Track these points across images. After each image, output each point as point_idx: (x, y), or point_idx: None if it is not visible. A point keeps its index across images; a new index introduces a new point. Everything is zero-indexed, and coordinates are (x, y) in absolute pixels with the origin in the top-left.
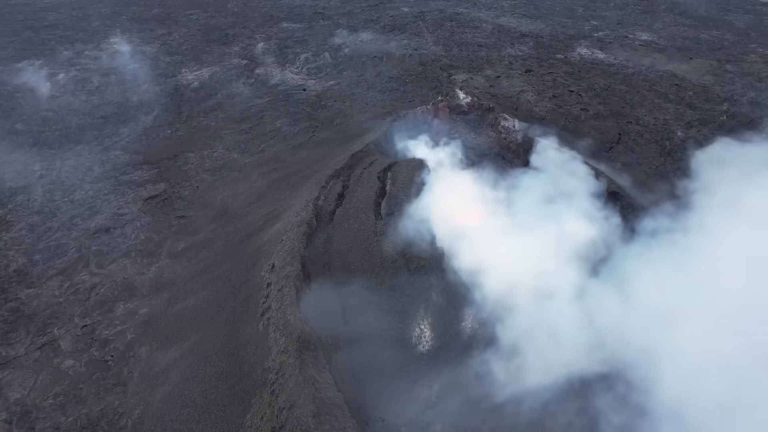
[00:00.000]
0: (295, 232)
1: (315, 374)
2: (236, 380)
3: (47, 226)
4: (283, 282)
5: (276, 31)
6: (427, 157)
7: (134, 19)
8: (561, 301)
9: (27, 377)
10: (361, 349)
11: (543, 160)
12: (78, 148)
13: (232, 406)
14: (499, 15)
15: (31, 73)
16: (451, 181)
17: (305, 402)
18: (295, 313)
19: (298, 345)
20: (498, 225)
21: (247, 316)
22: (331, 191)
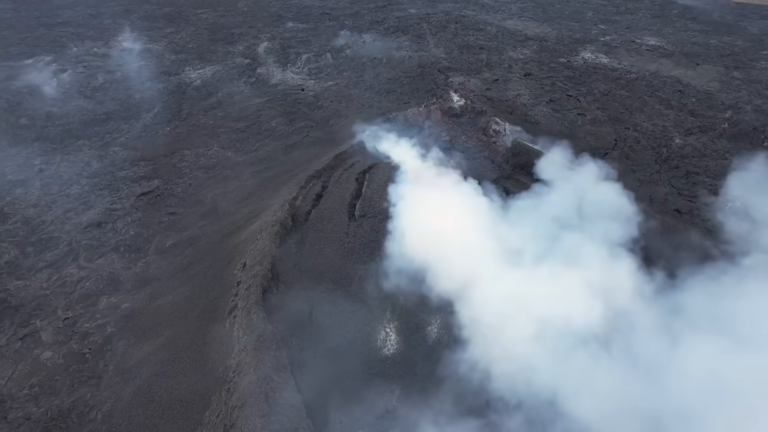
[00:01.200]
0: (268, 232)
1: (272, 374)
2: (200, 377)
3: (41, 219)
4: (251, 281)
5: (281, 31)
6: (408, 161)
7: (145, 17)
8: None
9: (6, 367)
10: (325, 351)
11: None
12: (79, 143)
13: (193, 403)
14: (506, 18)
15: (39, 69)
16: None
17: (256, 401)
18: (259, 312)
19: (257, 344)
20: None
21: (217, 313)
22: (310, 191)
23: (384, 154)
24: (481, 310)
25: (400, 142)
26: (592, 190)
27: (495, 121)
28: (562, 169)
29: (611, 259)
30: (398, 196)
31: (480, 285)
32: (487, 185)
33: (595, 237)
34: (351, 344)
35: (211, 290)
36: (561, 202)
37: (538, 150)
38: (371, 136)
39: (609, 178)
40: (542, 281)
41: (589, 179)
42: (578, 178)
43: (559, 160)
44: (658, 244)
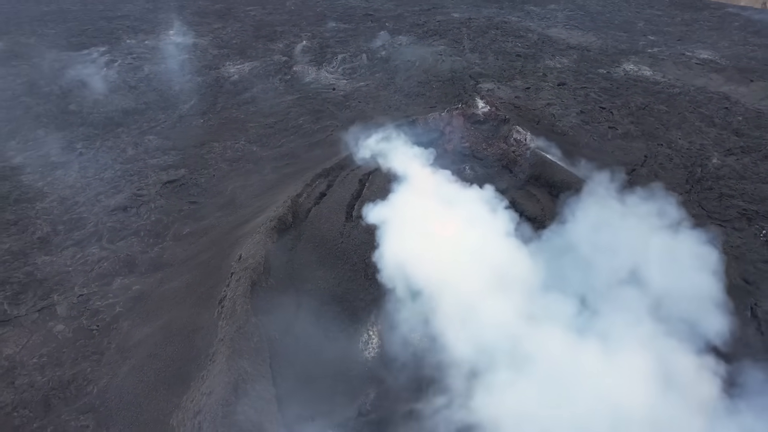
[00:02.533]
0: (266, 226)
1: (248, 365)
2: (185, 362)
3: (75, 200)
4: (242, 273)
5: (322, 31)
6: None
7: (197, 12)
8: None
9: (22, 336)
10: (308, 347)
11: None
12: (118, 130)
13: (175, 387)
14: (550, 26)
15: (93, 59)
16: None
17: (222, 390)
18: (243, 304)
19: (236, 335)
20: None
21: (210, 302)
22: (315, 190)
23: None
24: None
25: (411, 147)
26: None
27: (516, 130)
28: (609, 202)
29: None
30: (381, 220)
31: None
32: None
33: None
34: (333, 343)
35: (210, 279)
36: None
37: (555, 162)
38: (382, 139)
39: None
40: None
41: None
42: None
43: (603, 191)
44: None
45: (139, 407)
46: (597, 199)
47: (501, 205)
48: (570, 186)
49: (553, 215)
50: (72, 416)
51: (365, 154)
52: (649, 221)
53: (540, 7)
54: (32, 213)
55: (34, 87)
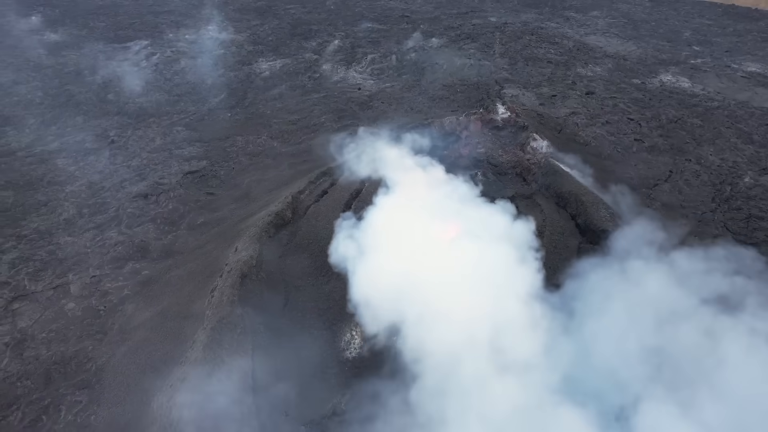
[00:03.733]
0: (263, 221)
1: (225, 356)
2: (172, 347)
3: (102, 185)
4: (234, 265)
5: (356, 31)
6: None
7: (239, 9)
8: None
9: (36, 311)
10: (290, 343)
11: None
12: (150, 120)
13: (161, 371)
14: (589, 33)
15: (136, 51)
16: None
17: (195, 378)
18: (230, 295)
19: (217, 325)
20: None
21: (203, 291)
22: (318, 187)
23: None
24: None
25: (413, 156)
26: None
27: (533, 138)
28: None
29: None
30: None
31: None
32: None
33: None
34: (315, 341)
35: (209, 269)
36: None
37: (567, 173)
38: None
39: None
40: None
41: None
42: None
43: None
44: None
45: (127, 388)
46: (634, 264)
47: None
48: (577, 197)
49: (554, 228)
50: (69, 391)
51: (356, 163)
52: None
53: (581, 14)
54: (62, 195)
55: (79, 76)
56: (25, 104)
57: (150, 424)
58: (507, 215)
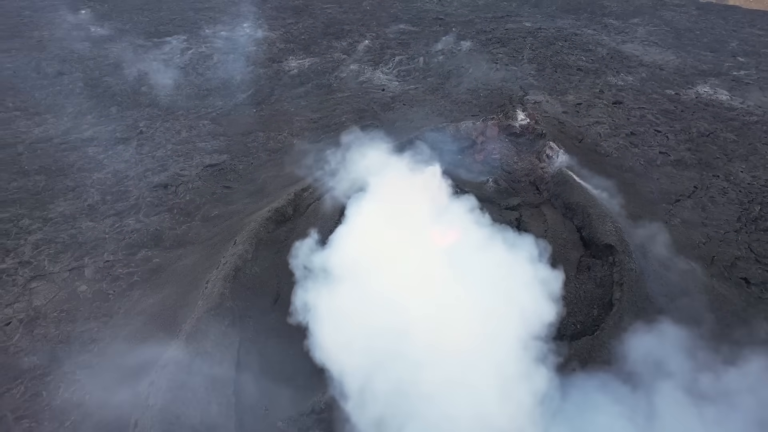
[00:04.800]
0: (262, 216)
1: (209, 347)
2: (164, 335)
3: (126, 173)
4: (229, 258)
5: (388, 32)
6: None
7: (276, 7)
8: None
9: (52, 291)
10: (276, 339)
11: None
12: (178, 113)
13: (152, 357)
14: (626, 41)
15: (172, 45)
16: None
17: (174, 367)
18: (221, 287)
19: (204, 315)
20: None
21: (201, 282)
22: (322, 186)
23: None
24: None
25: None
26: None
27: (550, 146)
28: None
29: None
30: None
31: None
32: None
33: None
34: (301, 338)
35: (210, 260)
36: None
37: (579, 183)
38: (405, 143)
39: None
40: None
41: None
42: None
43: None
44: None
45: (122, 372)
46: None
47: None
48: (584, 209)
49: (555, 240)
50: (70, 369)
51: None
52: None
53: (620, 21)
54: (89, 182)
55: (117, 69)
56: (66, 94)
57: (132, 407)
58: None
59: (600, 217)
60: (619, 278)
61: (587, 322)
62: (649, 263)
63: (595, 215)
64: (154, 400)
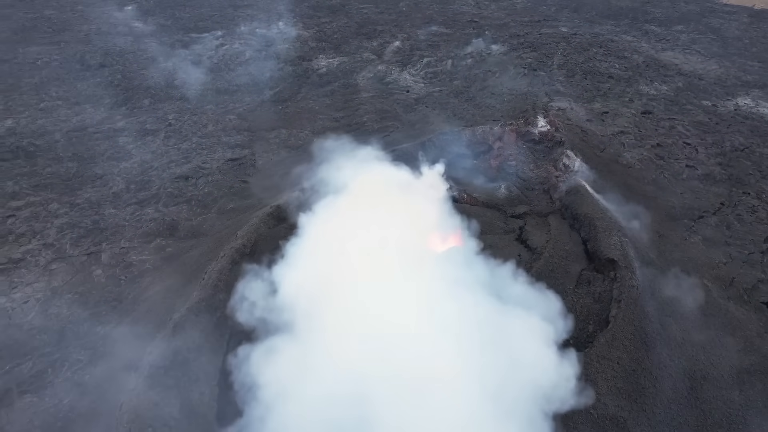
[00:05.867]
0: (264, 212)
1: (197, 337)
2: (161, 322)
3: (151, 164)
4: (227, 251)
5: (420, 33)
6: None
7: (313, 6)
8: None
9: (69, 273)
10: (264, 333)
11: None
12: (207, 107)
13: (147, 344)
14: (666, 49)
15: (208, 41)
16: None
17: (156, 355)
18: (215, 279)
19: (193, 305)
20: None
21: (201, 273)
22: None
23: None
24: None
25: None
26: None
27: (567, 155)
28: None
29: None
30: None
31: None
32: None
33: None
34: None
35: (214, 252)
36: None
37: (590, 194)
38: (418, 146)
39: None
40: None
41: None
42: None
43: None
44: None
45: (117, 356)
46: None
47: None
48: (592, 220)
49: (556, 251)
50: (75, 350)
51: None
52: None
53: (663, 28)
54: (116, 170)
55: (154, 62)
56: (105, 85)
57: (123, 391)
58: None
59: (607, 230)
60: (618, 294)
61: (581, 338)
62: (656, 281)
63: (602, 228)
64: (135, 385)
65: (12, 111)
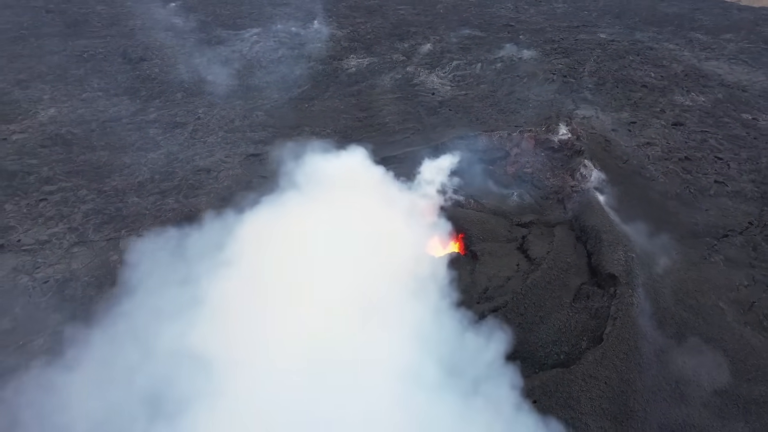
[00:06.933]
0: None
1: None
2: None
3: (177, 156)
4: None
5: (452, 36)
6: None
7: (351, 6)
8: None
9: (88, 257)
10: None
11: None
12: (236, 102)
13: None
14: (710, 58)
15: (244, 38)
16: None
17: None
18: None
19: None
20: None
21: None
22: None
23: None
24: None
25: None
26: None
27: (584, 165)
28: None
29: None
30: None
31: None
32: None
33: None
34: None
35: None
36: None
37: (600, 207)
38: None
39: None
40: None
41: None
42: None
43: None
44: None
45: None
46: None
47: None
48: (598, 233)
49: (555, 263)
50: (79, 329)
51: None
52: None
53: (710, 36)
54: (143, 161)
55: (191, 57)
56: (143, 78)
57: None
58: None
59: (612, 244)
60: (615, 311)
61: (573, 353)
62: (661, 300)
63: (608, 241)
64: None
65: (56, 100)
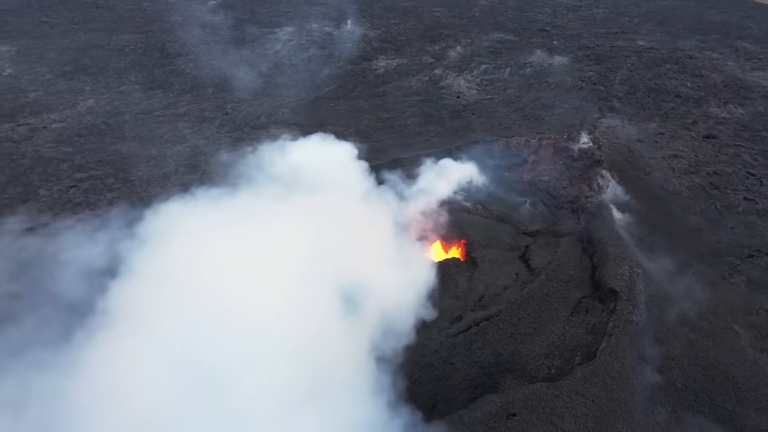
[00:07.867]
0: None
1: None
2: None
3: (202, 149)
4: None
5: (484, 39)
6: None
7: (386, 7)
8: None
9: None
10: None
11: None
12: (264, 100)
13: None
14: (756, 68)
15: (278, 37)
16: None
17: None
18: None
19: None
20: None
21: None
22: None
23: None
24: None
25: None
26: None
27: (602, 175)
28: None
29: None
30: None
31: None
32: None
33: None
34: None
35: None
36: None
37: (612, 220)
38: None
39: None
40: None
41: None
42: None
43: None
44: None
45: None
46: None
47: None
48: (604, 247)
49: (555, 274)
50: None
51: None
52: None
53: (758, 46)
54: (170, 153)
55: (225, 53)
56: (178, 73)
57: None
58: None
59: (618, 258)
60: (611, 327)
61: (565, 368)
62: (666, 319)
63: (613, 256)
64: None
65: (96, 92)
